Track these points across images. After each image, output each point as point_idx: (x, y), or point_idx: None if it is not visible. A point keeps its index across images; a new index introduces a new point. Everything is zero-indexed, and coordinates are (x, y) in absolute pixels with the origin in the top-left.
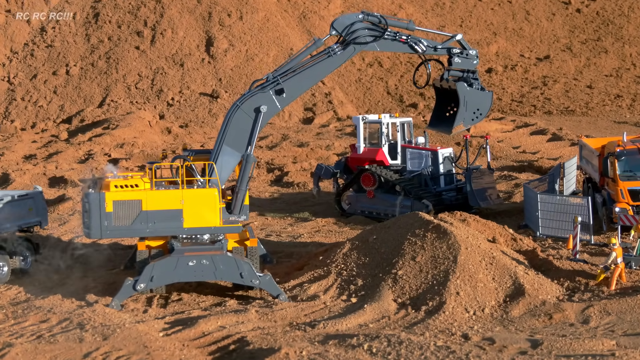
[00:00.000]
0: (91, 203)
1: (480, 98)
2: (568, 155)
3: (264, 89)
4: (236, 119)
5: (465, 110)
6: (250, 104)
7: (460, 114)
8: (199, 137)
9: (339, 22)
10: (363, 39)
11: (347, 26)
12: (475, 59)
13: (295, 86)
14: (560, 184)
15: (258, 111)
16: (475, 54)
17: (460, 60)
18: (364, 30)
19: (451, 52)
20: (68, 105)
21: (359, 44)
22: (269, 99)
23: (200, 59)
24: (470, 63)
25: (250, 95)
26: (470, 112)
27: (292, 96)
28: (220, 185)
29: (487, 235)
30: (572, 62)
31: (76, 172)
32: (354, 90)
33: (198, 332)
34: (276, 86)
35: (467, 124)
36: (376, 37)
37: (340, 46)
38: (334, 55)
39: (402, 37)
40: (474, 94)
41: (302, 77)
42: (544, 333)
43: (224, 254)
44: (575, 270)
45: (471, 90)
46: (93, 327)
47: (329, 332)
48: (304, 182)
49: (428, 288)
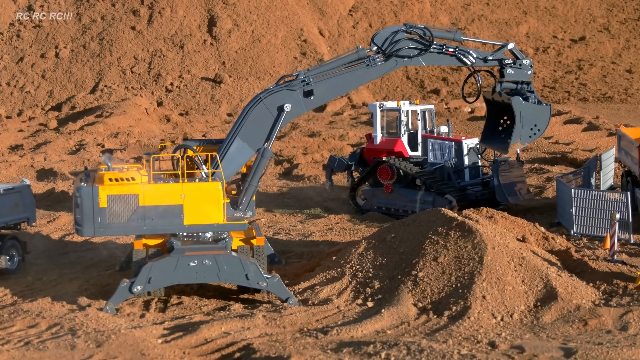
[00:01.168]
0: (83, 198)
1: (538, 113)
2: (605, 146)
3: (292, 86)
4: (256, 113)
5: (522, 127)
6: (274, 100)
7: (516, 131)
8: (201, 126)
9: (380, 36)
10: (407, 51)
11: (387, 38)
12: (529, 69)
13: (326, 90)
14: (596, 177)
15: (281, 109)
16: (529, 64)
17: (513, 71)
18: (407, 42)
19: (503, 62)
20: (57, 91)
21: (402, 57)
22: (296, 99)
23: (202, 41)
24: (524, 74)
25: (276, 90)
26: (527, 129)
27: (320, 100)
28: (224, 180)
29: (516, 233)
30: (610, 44)
31: (66, 164)
32: None
33: (200, 339)
34: (306, 86)
35: (525, 141)
36: (421, 50)
37: (382, 57)
38: (373, 66)
39: (450, 50)
40: (531, 109)
41: (335, 82)
42: (578, 341)
43: (228, 254)
44: (612, 272)
45: (527, 104)
46: (86, 332)
47: (343, 339)
48: (315, 175)
49: (451, 291)
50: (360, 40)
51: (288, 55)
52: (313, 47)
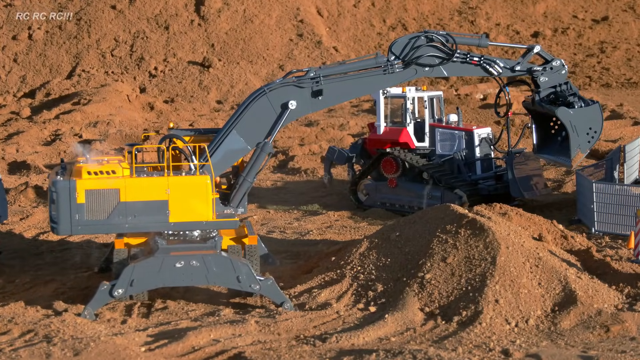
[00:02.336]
0: (59, 193)
1: (588, 115)
2: (630, 136)
3: (301, 82)
4: (257, 107)
5: (577, 136)
6: (279, 95)
7: (573, 142)
8: (187, 115)
9: (398, 43)
10: (427, 60)
11: (406, 45)
12: (563, 69)
13: (336, 92)
14: (620, 170)
15: (285, 107)
16: (561, 64)
17: (547, 77)
18: (428, 49)
19: (532, 71)
20: (31, 76)
21: (422, 65)
22: (303, 97)
23: (188, 21)
24: (559, 76)
25: (282, 84)
26: (583, 136)
27: (329, 102)
28: (214, 174)
29: (532, 232)
30: (636, 24)
31: (41, 155)
32: None
33: (187, 347)
34: (315, 85)
35: (585, 149)
36: (444, 59)
37: (401, 64)
38: (390, 72)
39: (474, 59)
40: (580, 114)
41: (347, 85)
42: (599, 349)
43: (217, 254)
44: (637, 274)
45: (575, 111)
46: (62, 340)
47: (343, 347)
48: (312, 168)
49: (461, 295)
50: (361, 20)
51: (283, 37)
52: (310, 28)
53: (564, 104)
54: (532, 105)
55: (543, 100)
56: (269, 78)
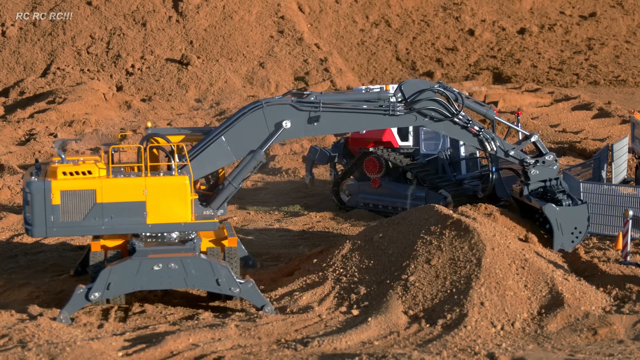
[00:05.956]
0: (34, 194)
1: (575, 215)
2: (618, 135)
3: (300, 104)
4: (251, 118)
5: (561, 234)
6: (275, 112)
7: (557, 239)
8: (166, 113)
9: (409, 85)
10: (430, 112)
11: (415, 93)
12: (554, 164)
13: (333, 122)
14: (608, 170)
15: (279, 126)
16: (553, 159)
17: (538, 171)
18: (432, 102)
19: (525, 163)
20: (4, 75)
21: (423, 116)
22: (299, 120)
23: (166, 17)
24: (550, 171)
25: (281, 102)
26: (568, 235)
27: (323, 130)
28: (192, 175)
29: (518, 233)
30: (624, 20)
31: (15, 156)
32: (355, 56)
33: (165, 352)
34: (313, 110)
35: (568, 247)
36: (446, 117)
37: (403, 108)
38: (391, 114)
39: (475, 127)
40: (567, 213)
41: (346, 118)
42: (587, 352)
43: (196, 256)
44: (625, 275)
45: (562, 209)
46: (37, 345)
47: (325, 351)
48: (294, 168)
49: (446, 297)
50: (344, 17)
51: (264, 33)
52: (292, 25)
53: (552, 200)
54: (520, 196)
55: (531, 193)
56: (249, 76)
